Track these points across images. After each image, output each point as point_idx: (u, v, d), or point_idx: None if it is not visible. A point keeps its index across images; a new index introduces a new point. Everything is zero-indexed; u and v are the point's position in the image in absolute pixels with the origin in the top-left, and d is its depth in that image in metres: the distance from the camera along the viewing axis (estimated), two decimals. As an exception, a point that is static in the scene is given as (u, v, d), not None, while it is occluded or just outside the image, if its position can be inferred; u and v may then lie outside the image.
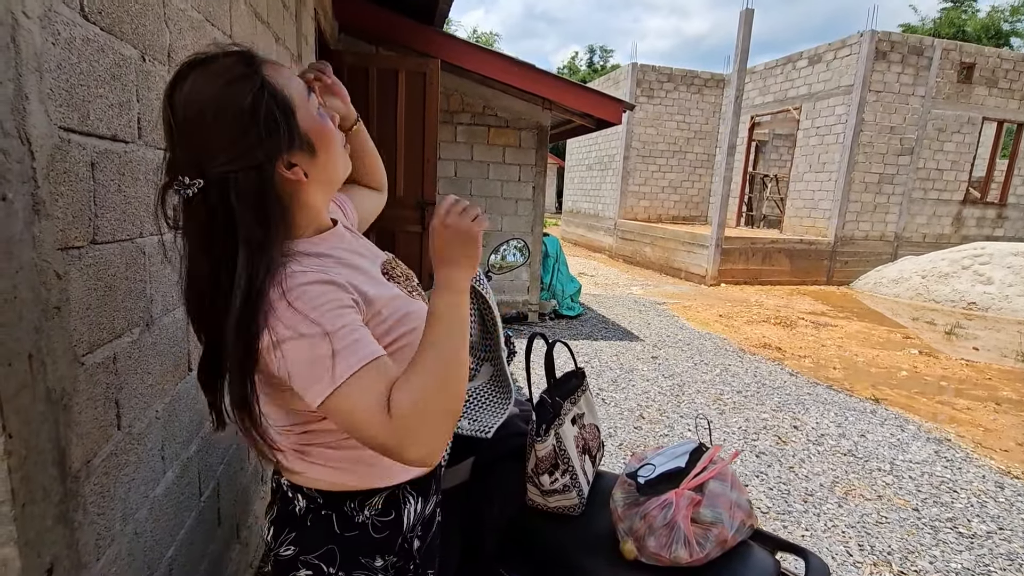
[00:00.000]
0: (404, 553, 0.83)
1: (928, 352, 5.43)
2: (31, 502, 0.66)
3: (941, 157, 9.72)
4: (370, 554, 0.79)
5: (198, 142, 0.63)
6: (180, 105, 0.63)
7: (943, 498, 2.62)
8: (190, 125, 0.63)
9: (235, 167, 0.63)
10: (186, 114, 0.63)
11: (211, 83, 0.64)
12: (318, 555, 0.77)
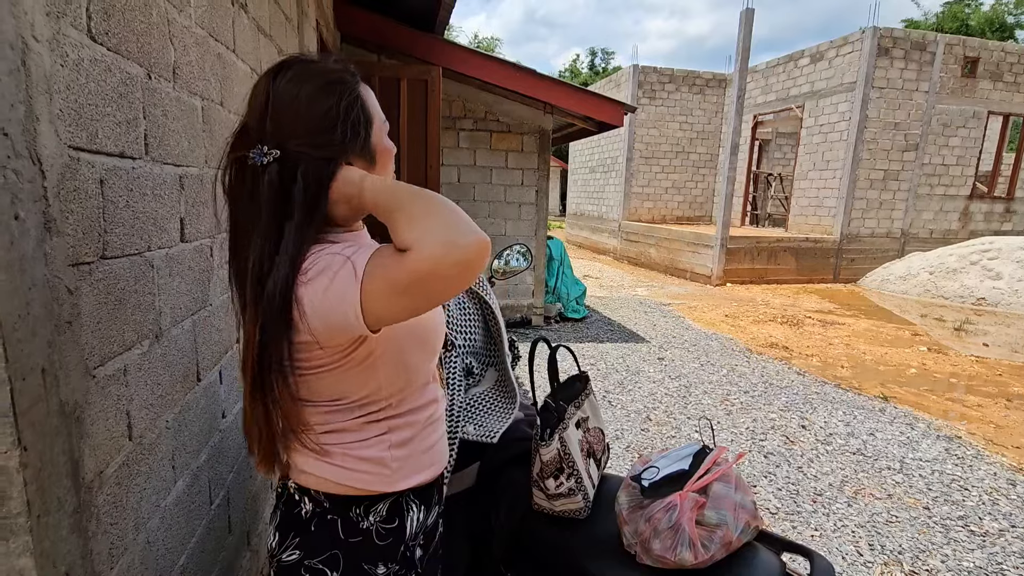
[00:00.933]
0: (406, 562, 0.84)
1: (937, 349, 5.39)
2: (46, 513, 0.68)
3: (947, 152, 9.66)
4: (373, 561, 0.80)
5: (288, 121, 0.70)
6: (282, 86, 0.71)
7: (954, 496, 2.60)
8: (287, 105, 0.70)
9: (312, 152, 0.70)
10: (287, 95, 0.70)
11: (316, 77, 0.72)
12: (322, 559, 0.79)
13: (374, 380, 0.78)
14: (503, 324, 1.39)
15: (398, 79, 3.85)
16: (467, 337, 1.34)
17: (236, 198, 0.76)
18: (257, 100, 0.72)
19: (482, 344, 1.39)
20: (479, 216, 5.31)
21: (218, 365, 1.33)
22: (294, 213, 0.69)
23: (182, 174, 1.10)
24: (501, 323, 1.38)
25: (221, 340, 1.35)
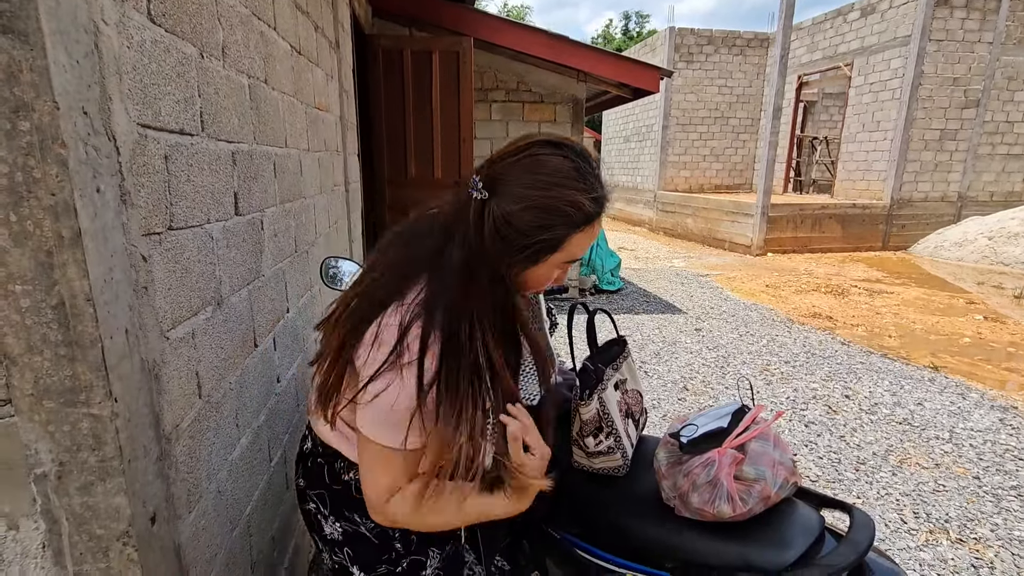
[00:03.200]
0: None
1: (994, 318, 5.14)
2: (135, 458, 0.75)
3: (1011, 108, 9.00)
4: (352, 509, 0.90)
5: (519, 183, 0.71)
6: (542, 157, 0.72)
7: (1007, 466, 2.53)
8: (528, 172, 0.72)
9: (502, 224, 0.71)
10: (537, 165, 0.72)
11: (561, 191, 0.71)
12: (317, 493, 0.92)
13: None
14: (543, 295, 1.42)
15: (430, 52, 3.85)
16: (506, 304, 1.37)
17: (430, 217, 0.81)
18: (512, 146, 0.75)
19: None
20: (513, 189, 5.29)
21: (272, 333, 1.41)
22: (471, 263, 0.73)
23: (234, 150, 1.15)
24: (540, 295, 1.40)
25: (273, 309, 1.42)
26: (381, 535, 0.92)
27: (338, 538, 0.91)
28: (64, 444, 0.70)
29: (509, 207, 0.70)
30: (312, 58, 1.95)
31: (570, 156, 0.72)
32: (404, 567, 0.94)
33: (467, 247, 0.73)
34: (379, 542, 0.92)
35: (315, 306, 1.91)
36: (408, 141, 3.98)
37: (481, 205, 0.72)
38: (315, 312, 1.91)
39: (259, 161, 1.31)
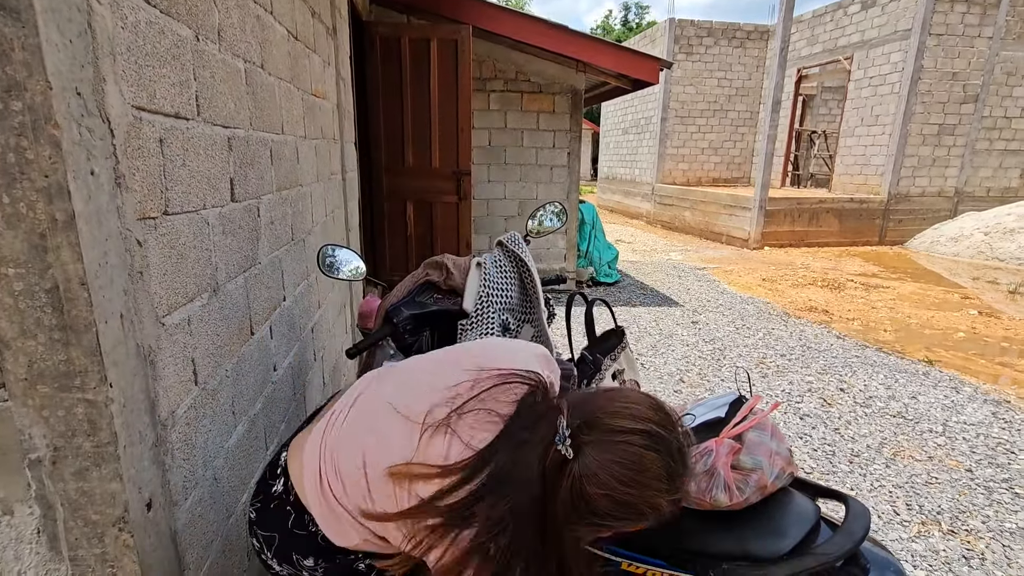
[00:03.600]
0: (343, 568, 0.86)
1: (989, 313, 5.17)
2: (131, 444, 0.75)
3: (1010, 104, 9.00)
4: (304, 554, 0.84)
5: (607, 469, 0.66)
6: (638, 451, 0.67)
7: (999, 459, 2.55)
8: (620, 462, 0.67)
9: (591, 504, 0.67)
10: (630, 457, 0.67)
11: (655, 485, 0.67)
12: (265, 535, 0.85)
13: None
14: (539, 282, 1.41)
15: (428, 39, 3.81)
16: (503, 294, 1.37)
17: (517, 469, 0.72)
18: (612, 421, 0.69)
19: (518, 301, 1.42)
20: (510, 180, 5.28)
21: (268, 321, 1.40)
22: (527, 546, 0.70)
23: (230, 135, 1.14)
24: (537, 281, 1.40)
25: (270, 297, 1.42)
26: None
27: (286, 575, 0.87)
28: (59, 429, 0.69)
29: (590, 489, 0.66)
30: (309, 44, 1.93)
31: (665, 455, 0.68)
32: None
33: (535, 489, 0.70)
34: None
35: (311, 295, 1.90)
36: (406, 130, 3.95)
37: (562, 462, 0.68)
38: (311, 301, 1.90)
39: (255, 147, 1.30)
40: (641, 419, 0.69)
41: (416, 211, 4.15)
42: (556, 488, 0.68)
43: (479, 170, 5.11)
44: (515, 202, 5.35)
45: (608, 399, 0.73)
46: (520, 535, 0.69)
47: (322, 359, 2.06)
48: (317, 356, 1.97)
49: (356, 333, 2.95)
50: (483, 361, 0.81)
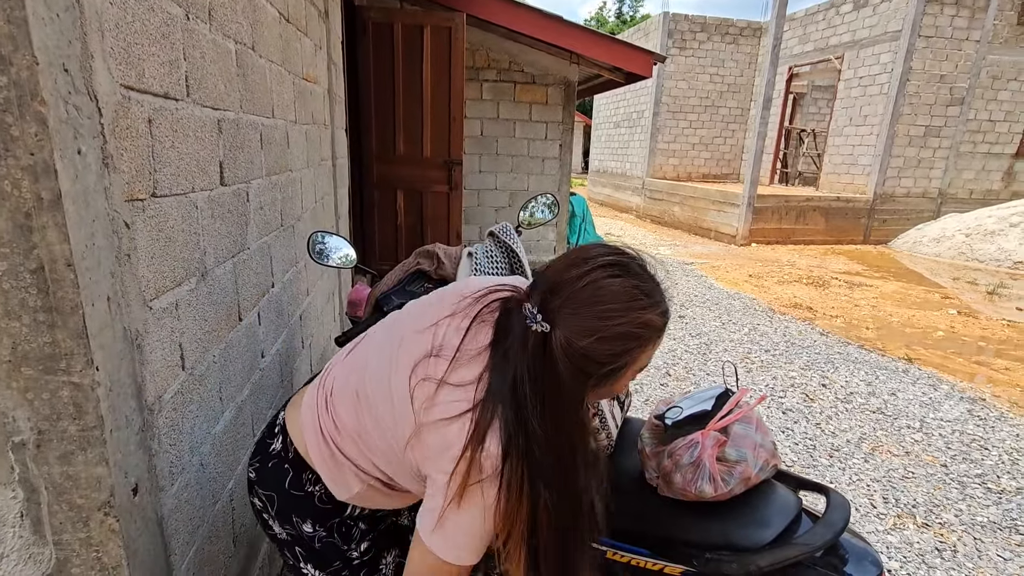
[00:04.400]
0: (338, 531, 0.87)
1: (967, 312, 5.28)
2: (117, 428, 0.74)
3: (994, 107, 9.14)
4: (303, 517, 0.85)
5: (586, 316, 0.67)
6: (602, 284, 0.68)
7: (973, 455, 2.62)
8: (592, 303, 0.67)
9: (577, 358, 0.67)
10: (599, 293, 0.68)
11: (636, 313, 0.68)
12: (265, 495, 0.87)
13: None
14: (531, 273, 1.41)
15: (421, 26, 3.77)
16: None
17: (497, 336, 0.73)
18: (570, 271, 0.70)
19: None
20: (501, 171, 5.26)
21: (256, 307, 1.39)
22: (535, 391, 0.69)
23: (220, 118, 1.12)
24: (528, 272, 1.40)
25: (259, 283, 1.40)
26: (330, 547, 0.88)
27: (286, 538, 0.88)
28: (43, 412, 0.68)
29: (582, 342, 0.66)
30: (301, 27, 1.90)
31: (628, 276, 0.70)
32: (363, 567, 0.91)
33: (536, 379, 0.69)
34: (330, 552, 0.88)
35: (300, 282, 1.89)
36: (397, 117, 3.92)
37: (543, 337, 0.68)
38: (300, 288, 1.88)
39: (245, 131, 1.28)
40: (592, 257, 0.70)
41: (406, 200, 4.12)
42: (553, 366, 0.67)
43: (470, 160, 5.08)
44: (506, 193, 5.34)
45: (560, 260, 0.74)
46: (532, 441, 0.68)
47: (310, 346, 2.05)
48: (305, 343, 1.96)
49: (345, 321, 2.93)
50: (464, 290, 0.82)
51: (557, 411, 0.69)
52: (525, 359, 0.69)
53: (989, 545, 2.00)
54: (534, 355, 0.68)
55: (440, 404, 0.72)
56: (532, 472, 0.68)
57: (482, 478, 0.68)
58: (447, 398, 0.72)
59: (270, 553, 1.52)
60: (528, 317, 0.69)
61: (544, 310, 0.68)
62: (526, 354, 0.69)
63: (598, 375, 0.69)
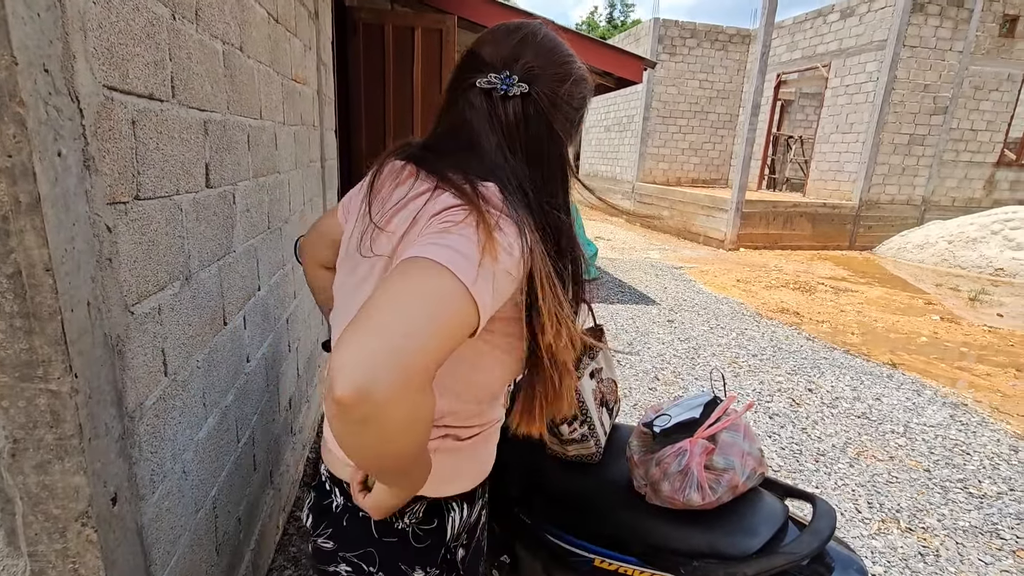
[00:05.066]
0: (447, 564, 0.78)
1: (950, 318, 5.36)
2: (96, 436, 0.72)
3: (976, 117, 9.32)
4: (410, 563, 0.74)
5: (553, 65, 0.70)
6: (546, 34, 0.71)
7: (956, 460, 2.65)
8: (552, 51, 0.70)
9: (563, 104, 0.70)
10: (550, 42, 0.71)
11: (574, 56, 0.73)
12: (357, 555, 0.75)
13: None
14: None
15: (412, 28, 3.76)
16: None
17: (478, 117, 0.70)
18: (514, 37, 0.70)
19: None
20: (492, 174, 5.25)
21: (242, 311, 1.37)
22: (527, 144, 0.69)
23: (206, 119, 1.10)
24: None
25: (245, 287, 1.38)
26: None
27: None
28: (19, 421, 0.67)
29: (560, 87, 0.69)
30: (290, 27, 1.88)
31: (552, 32, 0.73)
32: None
33: (525, 142, 0.69)
34: None
35: (287, 284, 1.87)
36: (387, 119, 3.90)
37: (520, 100, 0.68)
38: (287, 291, 1.86)
39: (232, 132, 1.27)
40: (519, 24, 0.73)
41: (396, 202, 4.09)
42: (539, 122, 0.69)
43: (461, 163, 5.06)
44: (496, 196, 5.33)
45: (486, 38, 0.74)
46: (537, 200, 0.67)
47: (297, 350, 2.03)
48: (292, 347, 1.94)
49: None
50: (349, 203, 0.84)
51: (550, 167, 0.70)
52: (500, 129, 0.68)
53: (971, 549, 2.03)
54: (514, 121, 0.68)
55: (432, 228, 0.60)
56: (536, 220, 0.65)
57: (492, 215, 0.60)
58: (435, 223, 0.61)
59: (254, 560, 1.50)
60: (497, 86, 0.68)
61: (520, 73, 0.68)
62: (502, 124, 0.68)
63: (575, 121, 0.72)
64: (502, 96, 0.68)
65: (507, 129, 0.68)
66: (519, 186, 0.67)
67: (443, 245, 0.55)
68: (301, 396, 2.12)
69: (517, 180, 0.67)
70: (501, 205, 0.63)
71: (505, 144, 0.68)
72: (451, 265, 0.53)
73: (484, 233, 0.57)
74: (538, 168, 0.69)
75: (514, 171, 0.68)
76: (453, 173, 0.66)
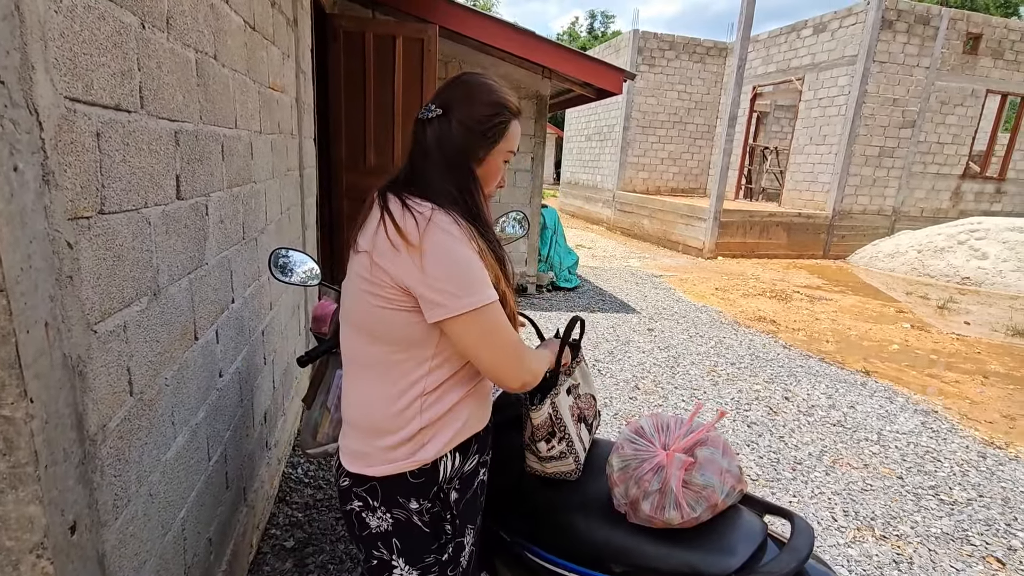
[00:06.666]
0: (440, 501, 0.97)
1: (920, 326, 5.50)
2: (53, 463, 0.69)
3: (943, 130, 9.63)
4: (407, 495, 0.92)
5: (468, 95, 0.93)
6: (471, 78, 0.96)
7: (927, 467, 2.71)
8: (470, 86, 0.94)
9: (463, 124, 0.91)
10: (472, 80, 0.95)
11: (494, 94, 0.95)
12: (365, 488, 0.92)
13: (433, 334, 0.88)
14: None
15: (394, 36, 3.74)
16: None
17: (416, 135, 0.96)
18: (450, 81, 0.96)
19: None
20: (473, 182, 5.24)
21: (214, 325, 1.33)
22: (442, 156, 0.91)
23: (177, 129, 1.08)
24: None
25: (217, 300, 1.35)
26: (434, 519, 0.95)
27: (387, 529, 0.92)
28: (-32, 449, 0.63)
29: (468, 109, 0.91)
30: (268, 35, 1.86)
31: (490, 78, 0.97)
32: (450, 552, 0.98)
33: (439, 152, 0.91)
34: (431, 529, 0.94)
35: (263, 296, 1.83)
36: (368, 128, 3.87)
37: (437, 121, 0.91)
38: (263, 302, 1.82)
39: (205, 142, 1.24)
40: (460, 75, 0.98)
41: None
42: (449, 134, 0.91)
43: (442, 171, 5.05)
44: (477, 204, 5.32)
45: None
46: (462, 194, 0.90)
47: (272, 362, 1.98)
48: (267, 359, 1.89)
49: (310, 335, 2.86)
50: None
51: (458, 170, 0.91)
52: (424, 143, 0.92)
53: (943, 556, 2.07)
54: (441, 133, 0.91)
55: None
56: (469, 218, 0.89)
57: (448, 234, 0.84)
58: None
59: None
60: (426, 112, 0.93)
61: (438, 105, 0.92)
62: (432, 138, 0.91)
63: (482, 134, 0.92)
64: (425, 121, 0.93)
65: (425, 146, 0.92)
66: (443, 189, 0.89)
67: (464, 285, 0.83)
68: (277, 409, 2.07)
69: (442, 185, 0.90)
70: (429, 211, 0.85)
71: (423, 158, 0.92)
72: (484, 298, 0.84)
73: (463, 246, 0.86)
74: (452, 171, 0.91)
75: (434, 178, 0.91)
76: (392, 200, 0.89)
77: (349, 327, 0.92)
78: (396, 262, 0.82)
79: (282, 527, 1.92)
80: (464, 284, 0.82)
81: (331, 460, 2.25)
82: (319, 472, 2.27)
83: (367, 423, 0.91)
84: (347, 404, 0.95)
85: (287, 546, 1.83)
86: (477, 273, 0.83)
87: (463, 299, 0.81)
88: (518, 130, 0.98)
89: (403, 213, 0.84)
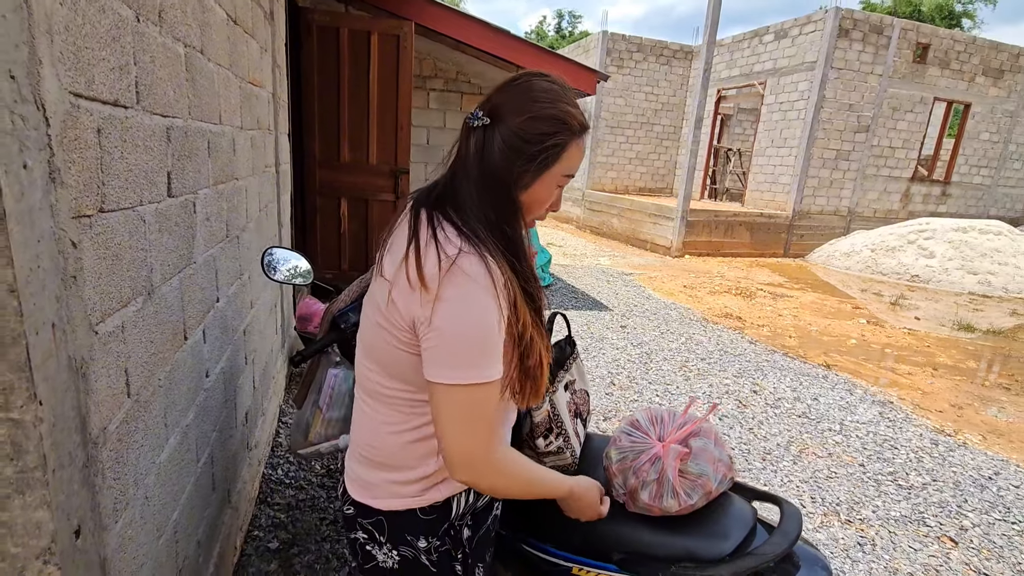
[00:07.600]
0: (451, 539, 0.89)
1: (875, 322, 5.78)
2: (60, 467, 0.68)
3: (894, 135, 10.12)
4: (415, 534, 0.86)
5: (521, 102, 0.78)
6: (534, 81, 0.80)
7: (885, 454, 2.86)
8: (526, 92, 0.79)
9: (508, 142, 0.78)
10: (531, 86, 0.80)
11: (556, 106, 0.79)
12: (371, 522, 0.87)
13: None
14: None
15: (368, 32, 3.70)
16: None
17: (456, 152, 0.83)
18: (503, 84, 0.82)
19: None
20: (447, 180, 5.24)
21: (202, 324, 1.31)
22: (482, 171, 0.78)
23: (169, 125, 1.05)
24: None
25: (204, 299, 1.32)
26: (443, 559, 0.88)
27: (393, 567, 0.86)
28: (-24, 454, 0.61)
29: (516, 120, 0.77)
30: (248, 29, 1.82)
31: (555, 81, 0.81)
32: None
33: (478, 169, 0.78)
34: (438, 569, 0.88)
35: (245, 294, 1.79)
36: (342, 123, 3.82)
37: (483, 131, 0.78)
38: (244, 301, 1.79)
39: (194, 138, 1.21)
40: (518, 74, 0.83)
41: (350, 208, 4.01)
42: (492, 152, 0.77)
43: (416, 169, 5.02)
44: (451, 202, 5.32)
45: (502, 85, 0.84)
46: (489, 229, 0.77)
47: (253, 362, 1.95)
48: (249, 359, 1.86)
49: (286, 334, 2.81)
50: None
51: (496, 194, 0.78)
52: (475, 152, 0.79)
53: (902, 537, 2.20)
54: (481, 148, 0.78)
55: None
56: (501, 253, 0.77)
57: (467, 278, 0.72)
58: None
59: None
60: (472, 119, 0.80)
61: (487, 110, 0.79)
62: (472, 153, 0.79)
63: (530, 158, 0.78)
64: (471, 129, 0.80)
65: (466, 159, 0.80)
66: (479, 214, 0.77)
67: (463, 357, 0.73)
68: (257, 409, 2.04)
69: (479, 209, 0.78)
70: (456, 250, 0.74)
71: (463, 171, 0.80)
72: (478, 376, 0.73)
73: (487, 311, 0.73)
74: (490, 193, 0.78)
75: (470, 198, 0.79)
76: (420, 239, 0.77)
77: (365, 356, 0.85)
78: (410, 301, 0.74)
79: (265, 528, 1.90)
80: (470, 354, 0.72)
81: (322, 460, 2.23)
82: (300, 473, 2.24)
83: (379, 457, 0.85)
84: (357, 430, 0.89)
85: (271, 547, 1.81)
86: (490, 343, 0.72)
87: (462, 370, 0.72)
88: (580, 151, 0.82)
89: (428, 244, 0.74)
